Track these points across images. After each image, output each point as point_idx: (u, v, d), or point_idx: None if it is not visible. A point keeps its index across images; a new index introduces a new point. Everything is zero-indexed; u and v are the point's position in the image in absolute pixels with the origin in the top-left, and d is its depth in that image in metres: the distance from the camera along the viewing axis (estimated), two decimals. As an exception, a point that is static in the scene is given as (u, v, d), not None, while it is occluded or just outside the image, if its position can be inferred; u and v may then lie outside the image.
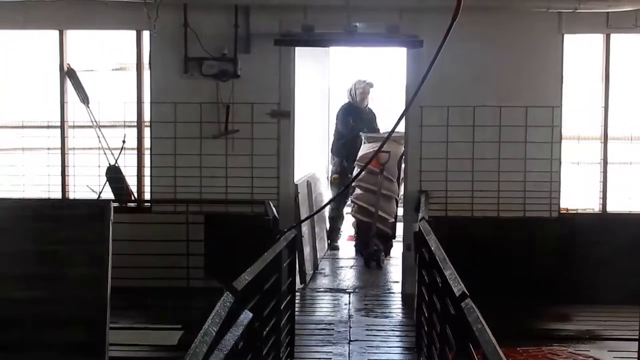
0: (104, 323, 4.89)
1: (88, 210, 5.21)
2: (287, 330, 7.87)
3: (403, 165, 11.61)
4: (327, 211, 13.30)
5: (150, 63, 10.58)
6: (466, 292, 4.90)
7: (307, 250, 11.44)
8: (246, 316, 4.75)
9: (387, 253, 12.71)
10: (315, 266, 12.09)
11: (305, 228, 11.34)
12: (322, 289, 11.07)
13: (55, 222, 5.08)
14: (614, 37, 10.52)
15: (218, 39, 10.36)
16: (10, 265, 4.91)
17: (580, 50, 10.59)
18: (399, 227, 12.10)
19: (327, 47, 13.15)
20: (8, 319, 4.90)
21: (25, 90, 10.99)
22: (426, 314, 7.30)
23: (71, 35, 10.81)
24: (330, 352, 8.36)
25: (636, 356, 6.62)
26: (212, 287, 8.71)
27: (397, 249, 12.37)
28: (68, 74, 10.72)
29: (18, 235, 5.00)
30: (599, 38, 10.58)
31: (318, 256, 12.28)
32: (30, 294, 4.88)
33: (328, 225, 13.42)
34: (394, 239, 12.86)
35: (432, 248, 6.69)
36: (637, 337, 7.12)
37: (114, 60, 10.96)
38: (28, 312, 4.90)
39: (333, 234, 13.57)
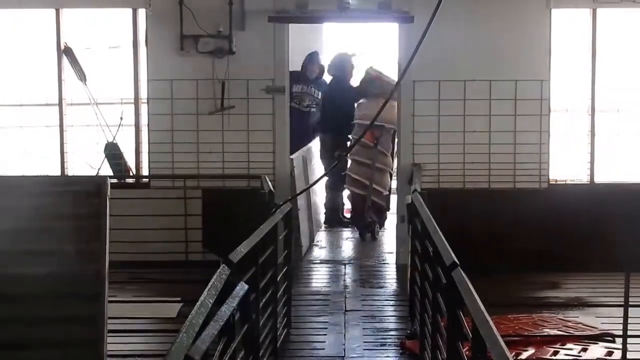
0: (103, 296, 5.06)
1: (85, 186, 5.31)
2: (284, 301, 8.09)
3: (397, 139, 11.76)
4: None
5: (146, 41, 10.74)
6: (456, 261, 5.10)
7: (303, 224, 11.64)
8: (242, 288, 4.95)
9: (382, 225, 12.91)
10: (312, 239, 12.30)
11: (301, 202, 11.54)
12: (318, 261, 11.31)
13: (53, 198, 5.21)
14: (600, 11, 10.69)
15: (213, 16, 10.51)
16: (10, 241, 5.07)
17: (567, 25, 10.77)
18: (393, 200, 12.30)
19: (320, 23, 13.29)
20: (8, 294, 5.06)
21: (23, 69, 11.13)
22: (419, 284, 7.53)
23: (67, 13, 10.96)
24: (327, 321, 8.58)
25: (621, 322, 6.82)
26: (210, 261, 8.90)
27: (391, 221, 12.57)
28: (65, 52, 10.88)
29: (16, 212, 5.14)
30: (586, 12, 10.74)
31: (314, 229, 12.49)
32: (29, 270, 5.04)
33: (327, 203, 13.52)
34: (388, 211, 13.05)
35: (424, 219, 6.90)
36: (622, 303, 7.37)
37: (110, 39, 11.12)
38: (28, 287, 5.06)
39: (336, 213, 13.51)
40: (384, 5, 10.43)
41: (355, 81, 13.14)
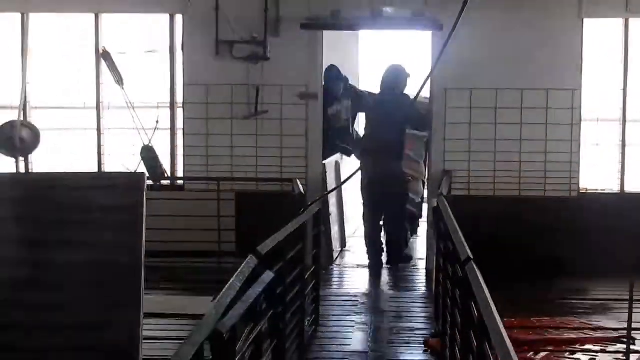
0: (139, 284, 5.24)
1: (124, 182, 5.53)
2: (312, 298, 8.24)
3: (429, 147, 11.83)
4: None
5: (183, 46, 10.97)
6: (470, 256, 5.24)
7: (334, 229, 11.79)
8: (268, 275, 5.12)
9: (414, 232, 13.04)
10: (343, 244, 12.45)
11: (333, 208, 11.69)
12: (349, 266, 11.46)
13: (94, 192, 5.41)
14: (632, 21, 10.79)
15: (248, 23, 10.73)
16: (54, 231, 5.27)
17: (600, 34, 10.87)
18: (425, 208, 12.42)
19: (352, 30, 13.37)
20: (50, 281, 5.26)
21: (63, 72, 11.38)
22: (442, 283, 7.67)
23: (106, 18, 11.21)
24: (354, 321, 8.73)
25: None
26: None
27: (423, 228, 12.69)
28: (103, 56, 11.11)
29: (60, 205, 5.34)
30: (618, 22, 10.84)
31: (346, 234, 12.63)
32: (71, 258, 5.23)
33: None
34: (421, 218, 13.18)
35: (446, 219, 7.04)
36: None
37: (146, 43, 11.36)
38: (70, 274, 5.25)
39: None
40: (417, 13, 10.58)
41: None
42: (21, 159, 9.32)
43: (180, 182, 11.23)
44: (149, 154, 11.16)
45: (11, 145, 9.01)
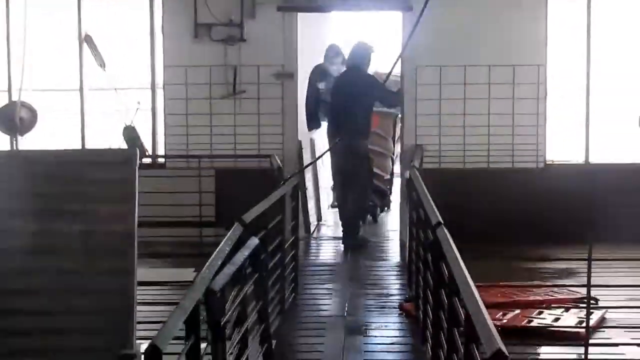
0: (132, 252, 5.60)
1: (117, 157, 5.89)
2: (292, 267, 8.67)
3: (400, 125, 12.19)
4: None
5: (162, 29, 11.35)
6: (440, 220, 5.68)
7: (311, 203, 12.22)
8: (253, 241, 5.54)
9: (384, 208, 13.44)
10: (319, 218, 12.87)
11: (309, 183, 12.11)
12: (325, 238, 11.90)
13: (89, 166, 5.78)
14: (595, -2, 11.26)
15: (225, 6, 11.13)
16: (51, 202, 5.64)
17: (564, 11, 11.30)
18: (397, 183, 12.84)
19: (326, 12, 13.67)
20: (47, 248, 5.63)
21: (46, 56, 11.70)
22: (414, 250, 8.11)
23: (88, 2, 11.55)
24: (331, 288, 9.19)
25: (607, 290, 7.50)
26: (222, 235, 9.41)
27: (395, 204, 13.13)
28: (86, 39, 11.46)
29: (57, 179, 5.70)
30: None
31: (322, 209, 13.06)
32: (68, 227, 5.60)
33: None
34: (391, 194, 13.60)
35: (418, 189, 7.47)
36: (610, 276, 8.10)
37: (127, 27, 11.71)
38: (67, 242, 5.63)
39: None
40: (387, -6, 10.99)
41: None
42: (20, 138, 9.70)
43: (161, 160, 11.59)
44: (130, 134, 11.52)
45: (12, 124, 9.39)
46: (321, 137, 13.19)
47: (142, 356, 3.78)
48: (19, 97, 8.83)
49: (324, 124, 12.46)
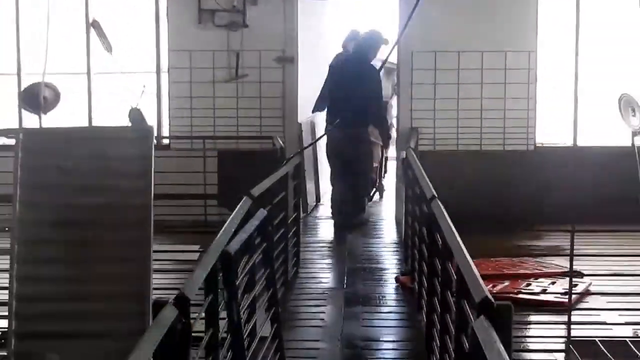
0: (149, 223, 6.04)
1: (135, 134, 6.35)
2: (294, 242, 9.13)
3: (397, 108, 12.55)
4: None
5: (167, 15, 11.77)
6: (435, 194, 6.11)
7: (309, 184, 12.65)
8: (262, 213, 5.98)
9: (374, 195, 13.74)
10: (318, 199, 13.31)
11: (308, 165, 12.51)
12: (323, 217, 12.35)
13: (109, 142, 6.22)
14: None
15: (228, -8, 11.56)
16: (76, 178, 6.07)
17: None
18: (393, 166, 13.27)
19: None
20: (75, 220, 6.06)
21: (55, 41, 12.08)
22: (410, 225, 8.57)
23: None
24: (330, 262, 9.68)
25: (592, 264, 7.98)
26: (226, 214, 9.82)
27: (389, 191, 13.72)
28: (93, 25, 11.84)
29: (80, 155, 6.14)
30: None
31: (320, 190, 13.49)
32: (91, 201, 6.04)
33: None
34: (382, 179, 14.06)
35: (413, 167, 7.92)
36: (595, 252, 8.62)
37: (133, 13, 12.13)
38: (90, 214, 6.06)
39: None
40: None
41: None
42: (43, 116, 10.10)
43: (165, 141, 12.01)
44: (136, 116, 11.90)
45: (36, 103, 9.81)
46: (322, 121, 13.57)
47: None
48: (42, 77, 9.25)
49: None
